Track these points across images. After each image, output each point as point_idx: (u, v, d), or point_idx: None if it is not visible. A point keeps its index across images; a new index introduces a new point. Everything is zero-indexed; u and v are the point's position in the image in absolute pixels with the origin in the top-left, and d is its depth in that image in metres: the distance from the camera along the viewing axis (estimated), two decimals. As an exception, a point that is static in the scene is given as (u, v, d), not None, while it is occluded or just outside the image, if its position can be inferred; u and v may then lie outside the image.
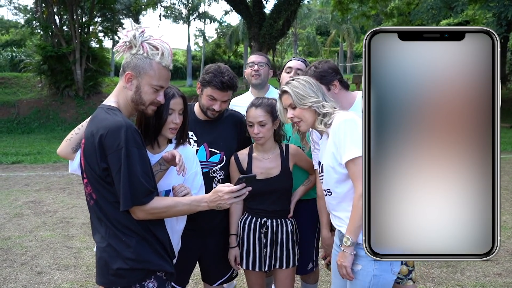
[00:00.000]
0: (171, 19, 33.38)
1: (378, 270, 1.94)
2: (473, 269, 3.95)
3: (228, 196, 1.80)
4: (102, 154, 1.66)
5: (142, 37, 1.77)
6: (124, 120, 1.69)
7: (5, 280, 3.79)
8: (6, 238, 4.85)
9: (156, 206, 1.71)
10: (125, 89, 1.80)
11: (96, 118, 1.76)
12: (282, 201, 2.45)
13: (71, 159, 1.99)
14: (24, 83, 17.84)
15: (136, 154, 1.65)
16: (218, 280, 2.59)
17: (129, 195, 1.63)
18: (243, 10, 17.80)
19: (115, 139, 1.63)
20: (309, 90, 2.05)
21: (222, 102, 2.36)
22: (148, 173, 1.71)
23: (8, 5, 31.44)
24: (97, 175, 1.70)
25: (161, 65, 1.78)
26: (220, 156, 2.43)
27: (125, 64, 1.79)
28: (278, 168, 2.42)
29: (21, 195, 6.82)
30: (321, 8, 36.87)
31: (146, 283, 1.75)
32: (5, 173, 8.69)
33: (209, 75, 2.32)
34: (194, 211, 1.87)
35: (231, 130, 2.50)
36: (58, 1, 16.66)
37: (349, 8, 18.80)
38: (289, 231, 2.46)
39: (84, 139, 1.75)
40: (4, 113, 15.89)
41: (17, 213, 5.85)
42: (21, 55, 22.72)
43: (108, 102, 1.82)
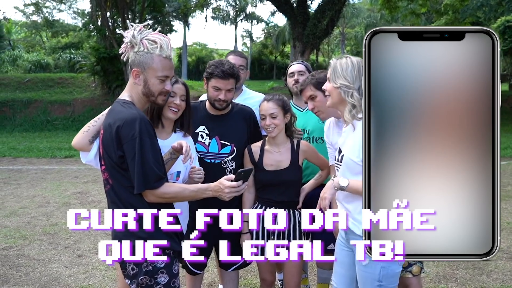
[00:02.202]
0: (219, 20, 34.05)
1: (385, 261, 1.97)
2: (501, 272, 3.85)
3: (228, 190, 1.96)
4: (119, 143, 1.84)
5: (141, 34, 1.92)
6: (138, 112, 1.89)
7: (50, 260, 4.17)
8: (54, 224, 5.29)
9: (166, 191, 1.89)
10: (135, 85, 1.98)
11: (113, 111, 1.96)
12: (290, 193, 2.58)
13: (87, 151, 2.12)
14: (79, 83, 18.95)
15: (149, 143, 1.83)
16: (232, 266, 2.75)
17: (142, 180, 1.82)
18: (287, 10, 17.85)
19: (130, 129, 1.82)
20: (349, 73, 2.00)
21: (226, 91, 2.52)
22: (159, 161, 1.89)
23: (68, 9, 33.43)
24: (113, 162, 1.89)
25: (162, 57, 1.93)
26: (231, 148, 2.60)
27: (131, 62, 1.96)
28: (288, 161, 2.54)
29: (70, 186, 7.35)
30: (370, 7, 36.13)
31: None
32: (58, 166, 9.37)
33: (211, 68, 2.52)
34: (199, 198, 2.04)
35: (241, 123, 2.66)
36: (112, 6, 17.56)
37: (398, 6, 18.33)
38: (296, 222, 2.57)
39: (103, 130, 1.95)
40: (61, 111, 16.98)
41: (65, 202, 6.34)
42: (78, 57, 24.10)
43: (123, 97, 2.00)
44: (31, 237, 4.81)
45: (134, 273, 1.92)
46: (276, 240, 2.56)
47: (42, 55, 28.50)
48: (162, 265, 1.93)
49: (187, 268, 2.69)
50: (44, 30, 32.74)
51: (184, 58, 31.15)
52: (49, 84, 18.69)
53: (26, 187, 7.33)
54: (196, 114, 2.63)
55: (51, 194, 6.80)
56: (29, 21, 33.77)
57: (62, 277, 3.79)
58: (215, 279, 3.72)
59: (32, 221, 5.40)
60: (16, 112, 16.59)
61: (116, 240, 1.95)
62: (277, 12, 32.13)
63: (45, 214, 5.70)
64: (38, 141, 12.99)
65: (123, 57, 2.01)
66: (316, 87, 2.39)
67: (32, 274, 3.86)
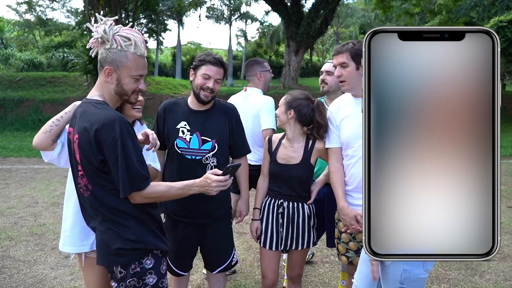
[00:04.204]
0: (213, 19, 33.95)
1: (408, 265, 1.90)
2: (494, 272, 3.82)
3: (215, 184, 1.92)
4: (98, 147, 1.76)
5: (112, 30, 1.83)
6: (116, 113, 1.80)
7: (36, 262, 4.08)
8: (42, 224, 5.19)
9: (152, 191, 1.83)
10: (107, 83, 1.88)
11: (86, 113, 1.84)
12: (298, 188, 2.59)
13: (51, 150, 2.05)
14: (72, 82, 18.79)
15: (131, 145, 1.76)
16: (218, 268, 2.68)
17: (127, 182, 1.75)
18: (281, 9, 17.83)
19: (110, 132, 1.73)
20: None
21: (215, 80, 2.48)
22: (143, 161, 1.82)
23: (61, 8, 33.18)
24: (94, 167, 1.80)
25: (136, 55, 1.85)
26: (212, 144, 2.52)
27: (102, 59, 1.86)
28: (299, 159, 2.55)
29: (60, 186, 7.24)
30: (364, 7, 36.18)
31: (144, 261, 1.86)
32: (48, 165, 9.22)
33: (202, 56, 2.52)
34: (186, 195, 1.98)
35: (222, 119, 2.59)
36: (104, 4, 17.43)
37: (392, 6, 18.35)
38: (305, 215, 2.58)
39: (78, 134, 1.83)
40: (53, 110, 16.81)
41: (54, 202, 6.24)
42: (71, 56, 23.92)
43: (93, 97, 1.90)
44: (17, 238, 4.71)
45: (121, 276, 1.86)
46: (285, 232, 2.59)
47: (35, 54, 28.29)
48: (150, 266, 1.88)
49: (170, 269, 2.62)
50: (37, 28, 32.48)
51: (178, 57, 31.03)
52: (41, 83, 18.50)
53: (15, 186, 7.22)
54: (177, 109, 2.57)
55: (39, 194, 6.69)
56: (22, 19, 33.51)
57: (47, 279, 3.70)
58: (204, 281, 3.65)
59: (19, 222, 5.30)
60: (7, 111, 16.40)
61: (102, 243, 1.89)
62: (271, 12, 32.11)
63: (33, 214, 5.60)
64: (29, 140, 12.81)
65: (91, 53, 1.91)
66: (353, 57, 2.35)
67: (17, 276, 3.77)
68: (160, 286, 1.92)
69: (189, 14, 31.77)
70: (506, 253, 4.26)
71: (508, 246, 4.43)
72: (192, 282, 3.60)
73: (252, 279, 3.72)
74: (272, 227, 2.60)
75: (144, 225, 1.87)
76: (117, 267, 1.85)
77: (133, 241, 1.83)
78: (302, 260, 2.72)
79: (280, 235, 2.59)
